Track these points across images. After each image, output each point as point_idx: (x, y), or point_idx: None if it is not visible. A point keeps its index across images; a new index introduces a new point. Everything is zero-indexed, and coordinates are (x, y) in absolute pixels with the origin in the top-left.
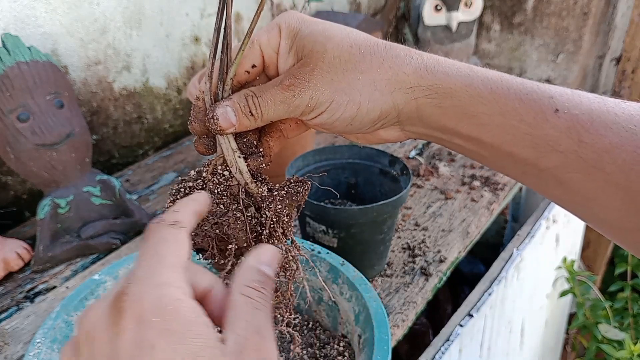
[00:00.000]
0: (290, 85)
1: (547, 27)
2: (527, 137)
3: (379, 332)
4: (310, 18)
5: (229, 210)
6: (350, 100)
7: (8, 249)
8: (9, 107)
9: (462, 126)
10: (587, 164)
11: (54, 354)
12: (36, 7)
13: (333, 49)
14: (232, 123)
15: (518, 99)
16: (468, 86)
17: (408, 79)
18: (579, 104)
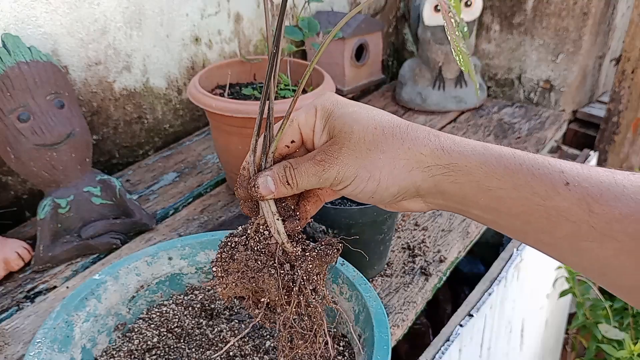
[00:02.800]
0: (321, 161)
1: (547, 27)
2: (540, 209)
3: (378, 332)
4: (342, 101)
5: (265, 266)
6: (371, 177)
7: (8, 248)
8: (10, 107)
9: (479, 199)
10: (599, 233)
11: (55, 354)
12: (36, 7)
13: (359, 131)
14: (271, 190)
15: (530, 174)
16: (483, 163)
17: (426, 159)
18: (589, 177)
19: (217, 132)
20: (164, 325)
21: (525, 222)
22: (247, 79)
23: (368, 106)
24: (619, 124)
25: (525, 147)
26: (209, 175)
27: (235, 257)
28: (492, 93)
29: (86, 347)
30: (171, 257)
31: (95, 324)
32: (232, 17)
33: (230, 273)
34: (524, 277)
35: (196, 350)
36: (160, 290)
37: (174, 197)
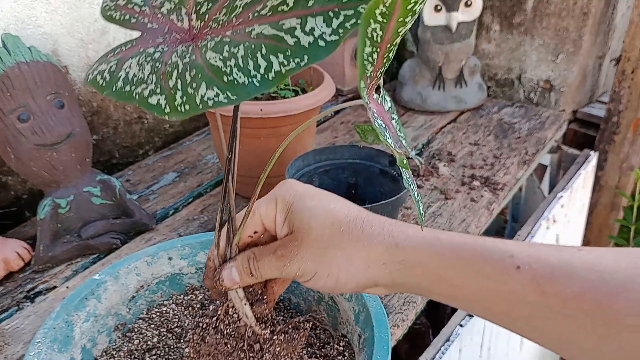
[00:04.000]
0: (282, 256)
1: (547, 27)
2: (496, 293)
3: (378, 332)
4: (302, 193)
5: (235, 349)
6: (330, 274)
7: (8, 248)
8: (10, 107)
9: (437, 288)
10: (554, 312)
11: (55, 354)
12: (36, 7)
13: (317, 228)
14: (236, 281)
15: (483, 261)
16: (436, 255)
17: (381, 256)
18: (538, 258)
19: (217, 132)
20: (164, 325)
21: (483, 306)
22: None
23: (328, 197)
24: (619, 124)
25: (525, 147)
26: (209, 175)
27: (207, 339)
28: (492, 93)
29: (86, 347)
30: (171, 257)
31: (95, 324)
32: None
33: (202, 355)
34: None
35: None
36: (160, 290)
37: (174, 197)
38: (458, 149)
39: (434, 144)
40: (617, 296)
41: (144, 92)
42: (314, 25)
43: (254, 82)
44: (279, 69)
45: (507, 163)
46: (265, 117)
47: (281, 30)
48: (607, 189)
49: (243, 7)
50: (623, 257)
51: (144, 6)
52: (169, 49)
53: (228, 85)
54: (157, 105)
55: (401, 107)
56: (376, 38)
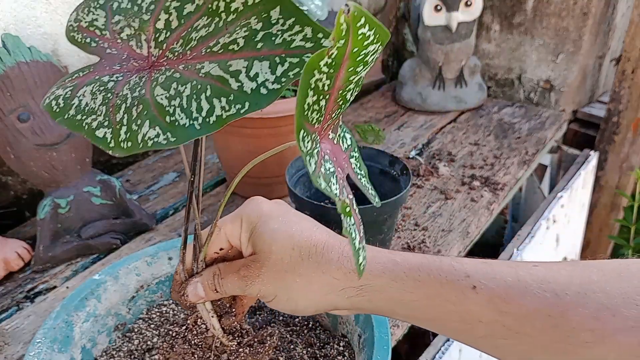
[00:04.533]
0: (244, 277)
1: (547, 27)
2: (454, 314)
3: (378, 332)
4: (266, 213)
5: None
6: (289, 299)
7: (8, 248)
8: (10, 107)
9: (396, 310)
10: (511, 330)
11: (54, 354)
12: (36, 8)
13: (277, 252)
14: (201, 296)
15: (439, 283)
16: (393, 280)
17: (339, 282)
18: (493, 278)
19: (217, 132)
20: (164, 325)
21: (443, 327)
22: None
23: (293, 219)
24: (619, 124)
25: (525, 147)
26: (209, 175)
27: (175, 348)
28: (492, 93)
29: (86, 347)
30: (171, 257)
31: (95, 324)
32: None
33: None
34: None
35: None
36: (160, 290)
37: (174, 197)
38: (458, 149)
39: (434, 144)
40: (570, 312)
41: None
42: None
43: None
44: (220, 114)
45: (507, 163)
46: (265, 117)
47: (227, 72)
48: (607, 189)
49: (197, 40)
50: (577, 271)
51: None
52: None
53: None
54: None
55: (401, 107)
56: (322, 87)
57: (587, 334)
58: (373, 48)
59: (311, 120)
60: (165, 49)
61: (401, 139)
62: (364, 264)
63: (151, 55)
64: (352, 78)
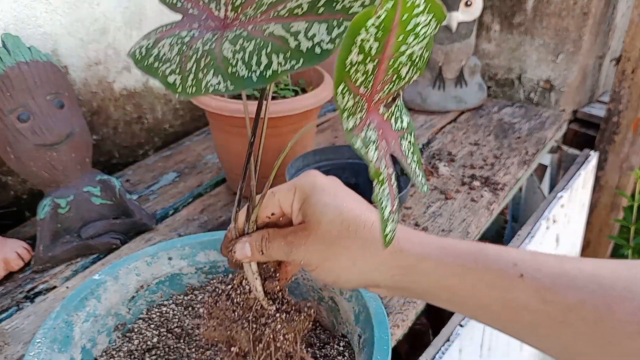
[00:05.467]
0: (290, 242)
1: (547, 27)
2: (499, 301)
3: (379, 332)
4: (320, 186)
5: (241, 318)
6: (332, 270)
7: (8, 248)
8: (9, 107)
9: (440, 295)
10: (555, 320)
11: (54, 354)
12: (36, 7)
13: (326, 223)
14: (247, 255)
15: (486, 270)
16: (440, 263)
17: (385, 261)
18: (540, 268)
19: (217, 132)
20: (164, 325)
21: (486, 313)
22: None
23: (345, 195)
24: (619, 124)
25: (525, 147)
26: (209, 175)
27: (218, 304)
28: (492, 93)
29: (86, 347)
30: (171, 257)
31: (95, 324)
32: None
33: (212, 317)
34: None
35: (196, 351)
36: (160, 290)
37: (174, 197)
38: (458, 149)
39: (434, 144)
40: (616, 305)
41: (167, 70)
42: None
43: (253, 76)
44: (276, 68)
45: (507, 163)
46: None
47: (288, 32)
48: (607, 189)
49: (268, 5)
50: (622, 268)
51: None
52: (199, 34)
53: (230, 75)
54: (173, 84)
55: None
56: (370, 49)
57: (632, 326)
58: (424, 19)
59: (354, 80)
60: (240, 12)
61: None
62: (390, 236)
63: (227, 17)
64: (404, 49)
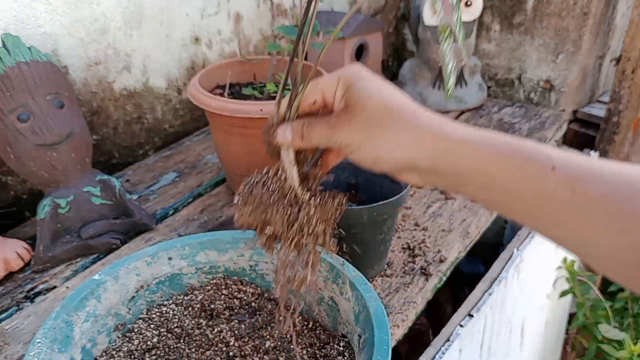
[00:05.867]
0: (332, 125)
1: (547, 27)
2: (530, 189)
3: (378, 332)
4: (364, 75)
5: (276, 203)
6: (372, 150)
7: (8, 248)
8: (9, 107)
9: (474, 179)
10: (579, 210)
11: (54, 354)
12: (36, 7)
13: (371, 107)
14: (287, 140)
15: (522, 159)
16: (479, 150)
17: (426, 142)
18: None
19: (217, 132)
20: (164, 325)
21: (516, 200)
22: (247, 79)
23: (385, 84)
24: (619, 124)
25: None
26: (209, 175)
27: (253, 191)
28: (492, 93)
29: (86, 347)
30: (171, 257)
31: (95, 324)
32: (232, 17)
33: (247, 204)
34: (524, 278)
35: (196, 351)
36: (160, 290)
37: (173, 197)
38: None
39: None
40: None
41: None
42: None
43: None
44: None
45: None
46: (266, 117)
47: None
48: None
49: None
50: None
51: None
52: None
53: None
54: None
55: None
56: None
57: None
58: None
59: None
60: None
61: None
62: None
63: None
64: None
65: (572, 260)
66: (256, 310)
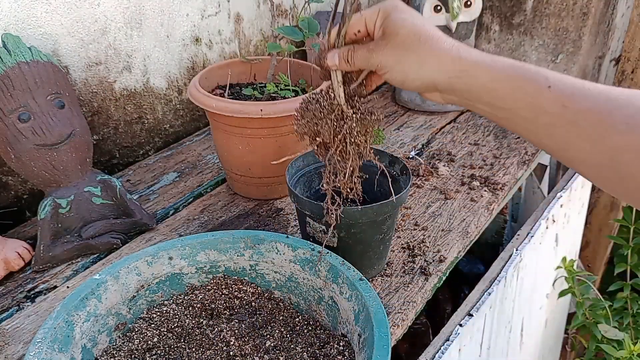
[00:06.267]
0: (371, 50)
1: (547, 27)
2: (529, 104)
3: (378, 332)
4: (400, 7)
5: (325, 117)
6: (402, 71)
7: (9, 248)
8: (10, 107)
9: (483, 96)
10: (568, 122)
11: (55, 354)
12: (36, 8)
13: (403, 35)
14: (335, 63)
15: (524, 79)
16: (489, 72)
17: (446, 65)
18: (565, 82)
19: (217, 132)
20: (164, 325)
21: (516, 115)
22: (248, 79)
23: (417, 15)
24: None
25: (524, 147)
26: (209, 175)
27: (308, 107)
28: None
29: (86, 347)
30: (171, 257)
31: (95, 324)
32: (232, 18)
33: (303, 117)
34: (523, 277)
35: (196, 350)
36: (161, 290)
37: (174, 197)
38: (458, 149)
39: (434, 144)
40: (616, 111)
41: None
42: None
43: None
44: None
45: (507, 163)
46: (265, 117)
47: None
48: None
49: None
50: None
51: None
52: None
53: None
54: None
55: (401, 107)
56: None
57: (623, 126)
58: None
59: None
60: None
61: (401, 139)
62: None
63: None
64: None
65: (571, 260)
66: (256, 310)
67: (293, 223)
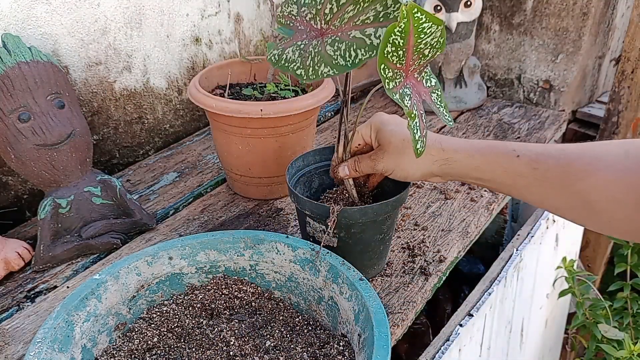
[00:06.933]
0: (373, 159)
1: (547, 27)
2: (505, 172)
3: (378, 332)
4: (386, 120)
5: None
6: (403, 170)
7: (9, 248)
8: (10, 108)
9: (469, 174)
10: (539, 179)
11: (55, 354)
12: (36, 8)
13: (395, 143)
14: (347, 174)
15: (496, 155)
16: (468, 156)
17: (433, 157)
18: (530, 149)
19: (217, 132)
20: (164, 325)
21: (498, 181)
22: (248, 79)
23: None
24: (618, 124)
25: None
26: (209, 175)
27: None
28: (492, 93)
29: (86, 347)
30: (171, 257)
31: (95, 324)
32: (232, 18)
33: None
34: (523, 277)
35: (196, 350)
36: (161, 290)
37: (174, 197)
38: None
39: None
40: (574, 162)
41: (294, 67)
42: (381, 33)
43: (348, 64)
44: (361, 58)
45: None
46: (265, 117)
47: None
48: None
49: (348, 18)
50: (586, 145)
51: (297, 16)
52: (308, 42)
53: (334, 65)
54: (300, 74)
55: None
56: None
57: (581, 173)
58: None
59: (392, 60)
60: (330, 24)
61: None
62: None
63: (322, 28)
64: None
65: (571, 260)
66: (256, 310)
67: (293, 223)
